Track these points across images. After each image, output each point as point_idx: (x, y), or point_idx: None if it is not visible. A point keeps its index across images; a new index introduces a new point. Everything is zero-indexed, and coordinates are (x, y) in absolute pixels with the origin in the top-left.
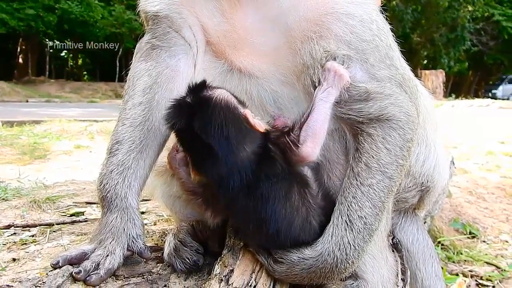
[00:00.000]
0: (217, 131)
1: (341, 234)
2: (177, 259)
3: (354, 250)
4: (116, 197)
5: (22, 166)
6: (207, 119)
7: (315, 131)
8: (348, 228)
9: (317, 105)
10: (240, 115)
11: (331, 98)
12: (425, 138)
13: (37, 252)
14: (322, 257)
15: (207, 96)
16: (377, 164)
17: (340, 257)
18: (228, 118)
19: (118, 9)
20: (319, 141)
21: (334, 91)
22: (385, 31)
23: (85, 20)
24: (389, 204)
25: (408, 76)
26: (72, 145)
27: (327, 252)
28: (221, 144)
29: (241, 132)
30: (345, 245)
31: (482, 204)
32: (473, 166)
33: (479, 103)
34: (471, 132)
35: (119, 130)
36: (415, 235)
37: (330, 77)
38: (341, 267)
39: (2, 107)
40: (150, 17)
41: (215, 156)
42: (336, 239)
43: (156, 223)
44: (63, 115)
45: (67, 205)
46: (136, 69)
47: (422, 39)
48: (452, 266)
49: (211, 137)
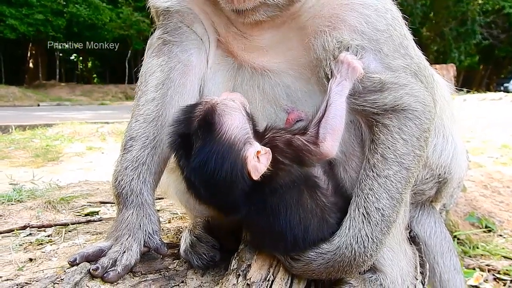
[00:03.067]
0: (211, 173)
1: (359, 227)
2: (194, 255)
3: (372, 242)
4: (132, 193)
5: (36, 168)
6: (203, 157)
7: (334, 127)
8: (365, 220)
9: (333, 100)
10: (240, 159)
11: (346, 91)
12: (442, 128)
13: (53, 251)
14: (339, 251)
15: (214, 127)
16: (394, 155)
17: (358, 250)
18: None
19: (126, 11)
20: (338, 137)
21: (347, 83)
22: (399, 20)
23: (93, 23)
24: (407, 195)
25: (424, 65)
26: (84, 147)
27: (345, 245)
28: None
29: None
30: (363, 238)
31: (498, 197)
32: (488, 160)
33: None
34: (484, 126)
35: (132, 126)
36: (432, 228)
37: (343, 70)
38: (359, 260)
39: (14, 112)
40: (161, 12)
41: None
42: (353, 232)
43: (171, 221)
44: (75, 117)
45: (81, 205)
46: (148, 65)
47: (432, 34)
48: (468, 261)
49: (204, 176)
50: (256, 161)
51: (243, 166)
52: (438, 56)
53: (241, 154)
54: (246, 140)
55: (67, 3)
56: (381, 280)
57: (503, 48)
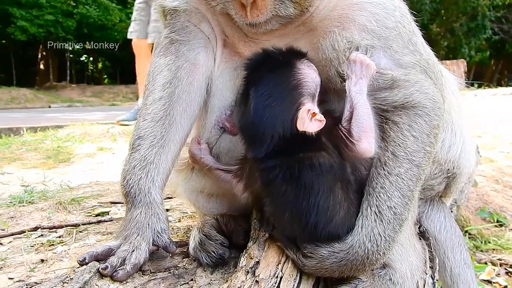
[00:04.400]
0: (268, 95)
1: (371, 226)
2: (203, 253)
3: (385, 241)
4: (140, 192)
5: (47, 170)
6: (271, 81)
7: (366, 126)
8: (378, 219)
9: (357, 100)
10: (297, 101)
11: (364, 89)
12: (451, 123)
13: (64, 252)
14: (353, 250)
15: (293, 65)
16: (404, 152)
17: (371, 249)
18: (283, 91)
19: None
20: (372, 134)
21: (364, 81)
22: (408, 17)
23: (103, 23)
24: (417, 193)
25: (433, 61)
26: (95, 148)
27: (358, 244)
28: (262, 109)
29: (285, 114)
30: (376, 237)
31: (509, 192)
32: (499, 155)
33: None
34: (495, 121)
35: (140, 125)
36: (442, 223)
37: (358, 69)
38: (373, 258)
39: (26, 114)
40: (168, 11)
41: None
42: (366, 231)
43: (181, 220)
44: (85, 119)
45: (92, 205)
46: (155, 64)
47: (442, 30)
48: (480, 255)
49: (261, 96)
50: (308, 117)
51: (296, 110)
52: (448, 52)
53: (301, 99)
54: (311, 93)
55: (76, 4)
56: (390, 275)
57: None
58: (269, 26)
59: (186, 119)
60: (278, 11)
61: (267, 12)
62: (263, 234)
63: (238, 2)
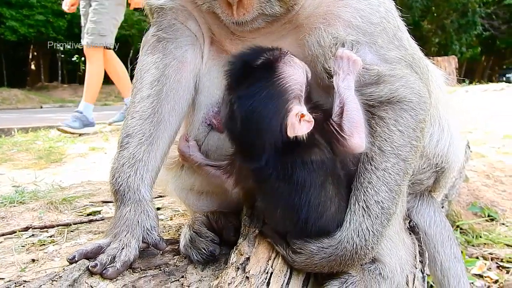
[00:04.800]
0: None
1: (359, 221)
2: (193, 250)
3: (373, 235)
4: (129, 190)
5: (39, 170)
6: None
7: (357, 121)
8: (365, 214)
9: (346, 95)
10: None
11: (352, 85)
12: (438, 118)
13: (55, 252)
14: (341, 245)
15: (276, 68)
16: (391, 147)
17: (359, 244)
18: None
19: (127, 11)
20: (363, 130)
21: (351, 77)
22: (393, 12)
23: None
24: (405, 187)
25: (418, 56)
26: (87, 148)
27: (346, 239)
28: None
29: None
30: (364, 232)
31: (500, 187)
32: (490, 150)
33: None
34: (486, 116)
35: (128, 123)
36: (432, 218)
37: (345, 65)
38: (361, 253)
39: (17, 114)
40: (155, 9)
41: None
42: (354, 226)
43: (173, 218)
44: None
45: (84, 205)
46: (143, 62)
47: (433, 26)
48: (471, 250)
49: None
50: (297, 121)
51: (284, 117)
52: (440, 49)
53: (287, 105)
54: (297, 96)
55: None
56: (380, 269)
57: (504, 39)
58: (255, 24)
59: (175, 116)
60: (264, 9)
61: (253, 11)
62: (253, 231)
63: (224, 1)
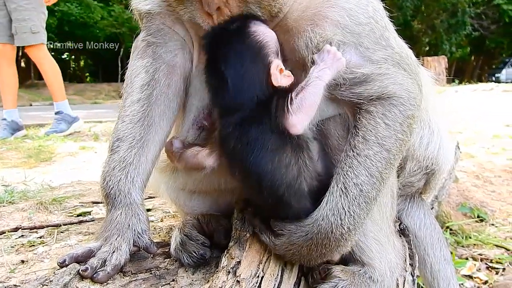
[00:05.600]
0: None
1: (335, 200)
2: (184, 253)
3: (349, 216)
4: (120, 194)
5: (28, 169)
6: (233, 49)
7: (307, 103)
8: (343, 194)
9: (312, 81)
10: (266, 61)
11: (326, 78)
12: (428, 120)
13: (45, 253)
14: (316, 222)
15: (249, 30)
16: (375, 137)
17: (334, 222)
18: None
19: (118, 9)
20: (309, 115)
21: (330, 72)
22: (381, 12)
23: (85, 21)
24: (388, 177)
25: (406, 54)
26: (77, 147)
27: (322, 217)
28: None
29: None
30: (339, 211)
31: (489, 187)
32: (479, 150)
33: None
34: (476, 116)
35: (119, 127)
36: (422, 220)
37: (328, 58)
38: (337, 232)
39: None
40: (143, 15)
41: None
42: (330, 205)
43: (163, 219)
44: None
45: (74, 205)
46: (133, 66)
47: (423, 26)
48: (461, 251)
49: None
50: (278, 72)
51: (268, 69)
52: (430, 48)
53: (268, 59)
54: (274, 51)
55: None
56: (370, 273)
57: (493, 39)
58: None
59: (165, 120)
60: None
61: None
62: (244, 234)
63: (203, 11)
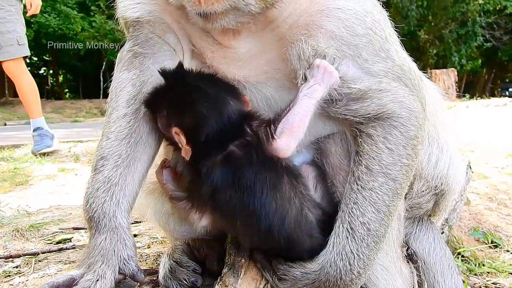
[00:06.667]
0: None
1: (343, 243)
2: (173, 281)
3: (358, 259)
4: (104, 217)
5: (3, 194)
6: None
7: (292, 125)
8: (349, 236)
9: (300, 100)
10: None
11: (317, 95)
12: (437, 137)
13: (22, 284)
14: (324, 270)
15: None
16: (379, 165)
17: (343, 268)
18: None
19: (99, 20)
20: (295, 136)
21: (321, 88)
22: (381, 23)
23: (64, 33)
24: (396, 209)
25: (408, 67)
26: (56, 169)
27: (329, 263)
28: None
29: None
30: (348, 255)
31: (504, 210)
32: (493, 171)
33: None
34: (488, 134)
35: (103, 145)
36: (431, 245)
37: (319, 74)
38: (346, 279)
39: None
40: (131, 23)
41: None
42: (337, 249)
43: (150, 245)
44: None
45: (53, 232)
46: (118, 79)
47: (430, 37)
48: (474, 279)
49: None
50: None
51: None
52: (438, 60)
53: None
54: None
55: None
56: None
57: (506, 51)
58: (225, 21)
59: (154, 137)
60: (237, 2)
61: (224, 2)
62: (239, 260)
63: None
